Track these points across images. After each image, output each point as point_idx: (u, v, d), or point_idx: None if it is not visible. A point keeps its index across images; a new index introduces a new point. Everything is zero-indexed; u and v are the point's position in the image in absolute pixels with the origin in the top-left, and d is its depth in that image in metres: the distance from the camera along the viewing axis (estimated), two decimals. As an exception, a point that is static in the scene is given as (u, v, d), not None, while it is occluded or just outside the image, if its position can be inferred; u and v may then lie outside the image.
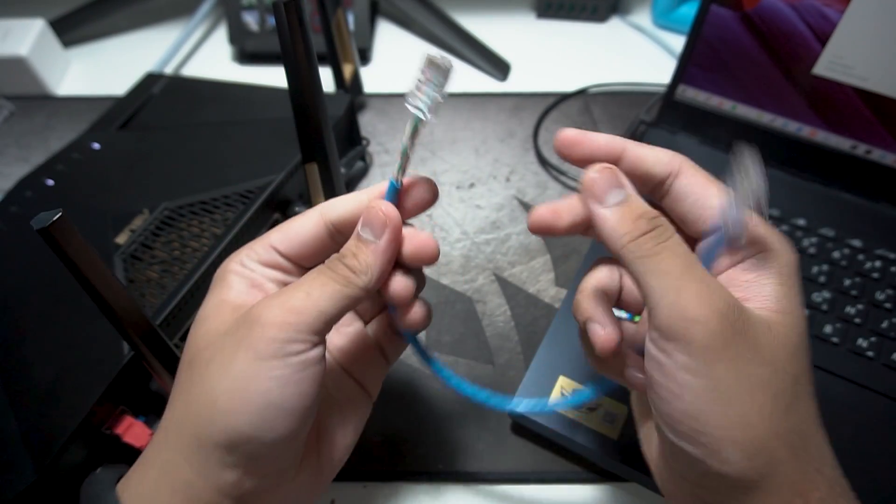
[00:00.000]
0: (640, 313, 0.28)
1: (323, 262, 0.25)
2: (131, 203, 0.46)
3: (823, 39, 0.46)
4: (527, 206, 0.55)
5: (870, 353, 0.42)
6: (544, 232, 0.26)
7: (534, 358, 0.42)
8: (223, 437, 0.22)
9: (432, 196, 0.27)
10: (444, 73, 0.23)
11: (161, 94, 0.57)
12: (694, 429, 0.21)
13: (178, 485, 0.23)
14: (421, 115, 0.25)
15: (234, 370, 0.22)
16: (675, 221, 0.25)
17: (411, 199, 0.27)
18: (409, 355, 0.45)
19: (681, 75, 0.53)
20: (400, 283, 0.26)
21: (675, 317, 0.21)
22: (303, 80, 0.36)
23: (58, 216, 0.23)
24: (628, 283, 0.28)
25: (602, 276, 0.27)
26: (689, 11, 0.70)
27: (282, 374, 0.22)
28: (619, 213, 0.23)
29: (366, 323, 0.32)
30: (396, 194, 0.26)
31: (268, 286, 0.26)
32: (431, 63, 0.23)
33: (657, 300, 0.21)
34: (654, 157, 0.25)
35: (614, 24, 0.74)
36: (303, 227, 0.27)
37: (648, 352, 0.22)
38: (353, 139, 0.57)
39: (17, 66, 0.63)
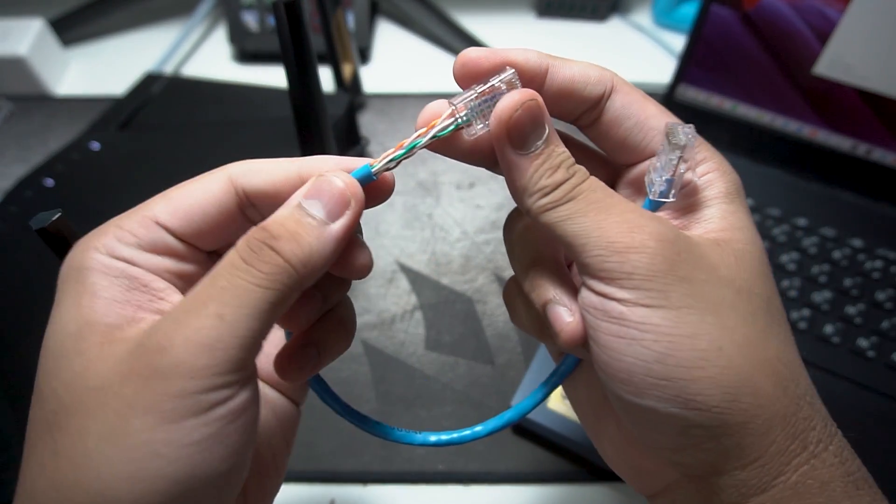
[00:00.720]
0: None
1: (231, 243, 0.18)
2: (131, 203, 0.45)
3: (824, 39, 0.46)
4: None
5: (870, 353, 0.42)
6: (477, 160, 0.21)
7: (534, 358, 0.42)
8: None
9: (381, 201, 0.21)
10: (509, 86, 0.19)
11: (161, 94, 0.57)
12: (661, 376, 0.17)
13: None
14: (461, 122, 0.19)
15: (129, 443, 0.16)
16: (611, 147, 0.22)
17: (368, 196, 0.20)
18: (409, 354, 0.45)
19: (681, 75, 0.53)
20: (363, 256, 0.20)
21: (607, 253, 0.18)
22: (303, 80, 0.36)
23: (56, 216, 0.23)
24: None
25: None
26: (690, 11, 0.70)
27: (204, 435, 0.16)
28: (539, 164, 0.19)
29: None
30: (363, 185, 0.20)
31: (155, 285, 0.19)
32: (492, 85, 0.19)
33: (582, 243, 0.18)
34: (584, 77, 0.20)
35: (614, 24, 0.74)
36: (204, 194, 0.19)
37: (588, 305, 0.19)
38: (352, 139, 0.57)
39: (16, 66, 0.63)
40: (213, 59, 0.71)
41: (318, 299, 0.21)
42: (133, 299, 0.18)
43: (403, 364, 0.44)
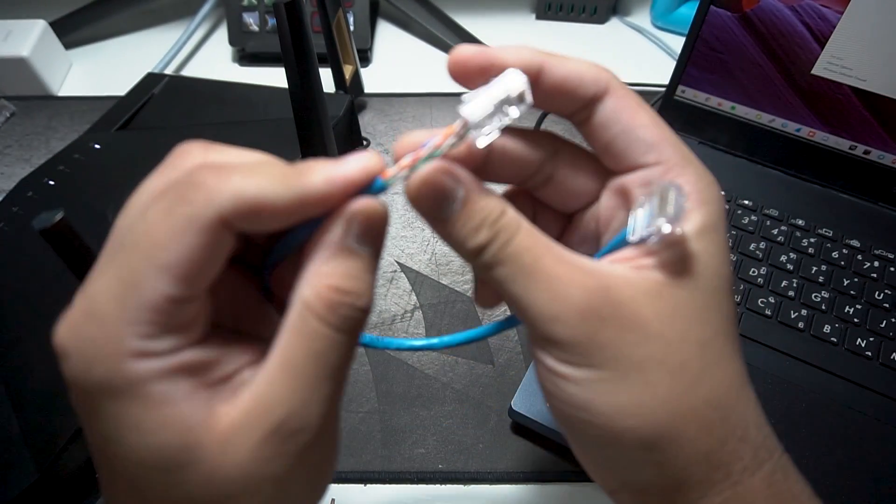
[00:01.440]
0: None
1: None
2: (132, 203, 0.46)
3: (822, 40, 0.46)
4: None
5: (868, 353, 0.42)
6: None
7: (533, 358, 0.42)
8: None
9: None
10: (518, 100, 0.18)
11: (161, 94, 0.57)
12: (585, 420, 0.19)
13: None
14: (476, 126, 0.18)
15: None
16: (597, 148, 0.21)
17: None
18: (409, 354, 0.45)
19: (680, 76, 0.53)
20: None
21: (536, 321, 0.19)
22: (303, 81, 0.36)
23: (59, 216, 0.23)
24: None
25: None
26: (689, 12, 0.70)
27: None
28: (457, 228, 0.19)
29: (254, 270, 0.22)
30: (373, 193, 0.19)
31: (203, 357, 0.18)
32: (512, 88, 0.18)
33: (518, 308, 0.19)
34: (578, 76, 0.20)
35: (614, 25, 0.74)
36: (203, 251, 0.17)
37: (531, 349, 0.21)
38: (353, 139, 0.57)
39: (18, 67, 0.63)
40: (213, 60, 0.71)
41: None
42: (199, 383, 0.17)
43: (403, 364, 0.44)
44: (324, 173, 0.18)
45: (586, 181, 0.22)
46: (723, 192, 0.21)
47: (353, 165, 0.18)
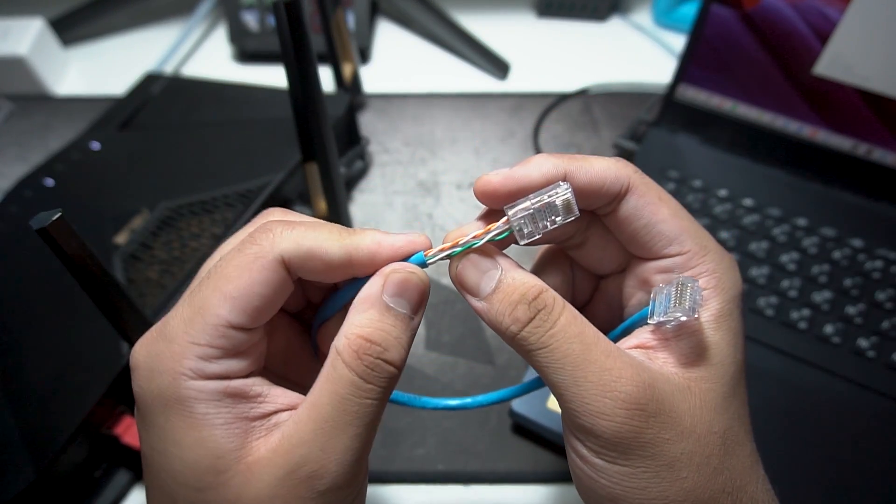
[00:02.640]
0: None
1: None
2: (131, 203, 0.46)
3: (824, 39, 0.46)
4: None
5: (870, 354, 0.42)
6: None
7: (534, 358, 0.42)
8: None
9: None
10: (565, 211, 0.20)
11: (161, 94, 0.57)
12: None
13: None
14: (518, 229, 0.20)
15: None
16: (622, 239, 0.23)
17: None
18: (410, 354, 0.45)
19: (681, 75, 0.53)
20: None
21: (579, 412, 0.19)
22: (303, 80, 0.36)
23: (56, 216, 0.23)
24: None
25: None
26: (690, 11, 0.70)
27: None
28: (496, 305, 0.20)
29: (302, 322, 0.25)
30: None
31: (251, 391, 0.19)
32: (558, 203, 0.20)
33: (560, 394, 0.19)
34: (601, 179, 0.21)
35: (615, 24, 0.74)
36: (263, 287, 0.19)
37: (565, 435, 0.21)
38: (352, 138, 0.57)
39: (16, 66, 0.63)
40: (213, 59, 0.71)
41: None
42: (240, 413, 0.19)
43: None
44: (373, 237, 0.20)
45: (615, 253, 0.24)
46: (740, 281, 0.22)
47: (401, 237, 0.21)
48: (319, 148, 0.40)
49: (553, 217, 0.20)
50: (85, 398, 0.34)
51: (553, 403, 0.39)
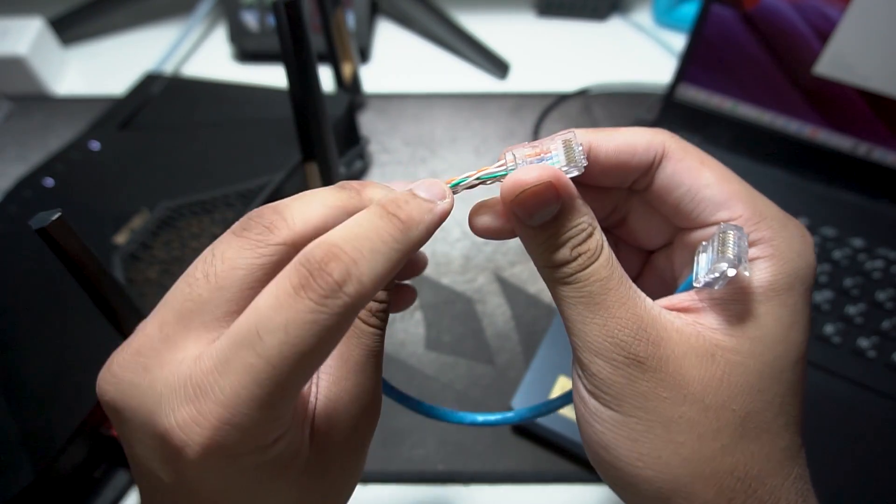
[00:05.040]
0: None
1: None
2: (131, 203, 0.46)
3: (824, 39, 0.46)
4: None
5: (871, 354, 0.42)
6: (492, 237, 0.21)
7: (534, 358, 0.42)
8: None
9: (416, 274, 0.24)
10: (570, 153, 0.19)
11: (161, 94, 0.57)
12: (606, 460, 0.19)
13: None
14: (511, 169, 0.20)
15: None
16: (665, 212, 0.21)
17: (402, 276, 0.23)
18: (409, 354, 0.45)
19: (681, 74, 0.53)
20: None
21: (581, 347, 0.19)
22: (303, 80, 0.36)
23: (56, 216, 0.23)
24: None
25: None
26: (690, 10, 0.70)
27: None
28: (545, 237, 0.19)
29: None
30: None
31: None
32: (566, 145, 0.19)
33: (569, 327, 0.19)
34: (630, 147, 0.20)
35: (615, 23, 0.74)
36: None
37: (573, 374, 0.21)
38: (352, 138, 0.56)
39: (15, 66, 0.63)
40: (213, 59, 0.71)
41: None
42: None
43: (403, 364, 0.44)
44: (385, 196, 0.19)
45: (660, 226, 0.22)
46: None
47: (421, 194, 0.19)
48: (319, 148, 0.40)
49: (554, 160, 0.19)
50: (85, 398, 0.34)
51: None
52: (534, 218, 0.19)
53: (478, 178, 0.20)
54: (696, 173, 0.20)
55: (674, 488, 0.19)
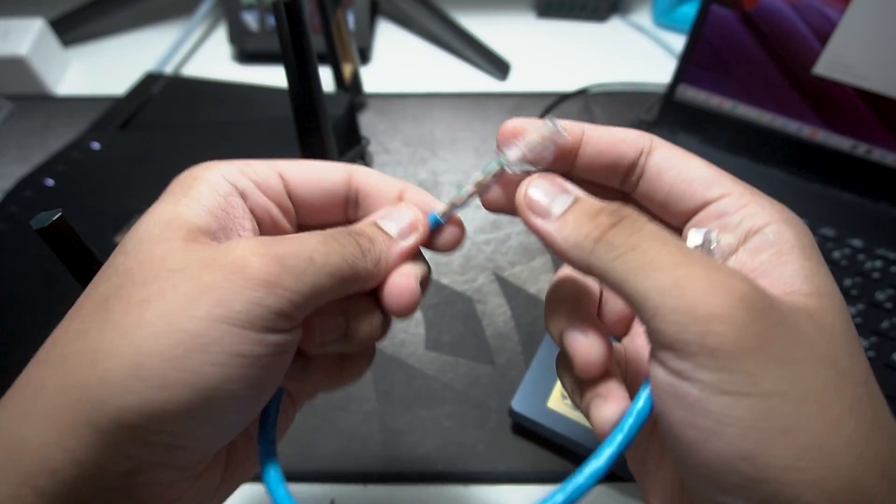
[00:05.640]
0: (625, 334, 0.24)
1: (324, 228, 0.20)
2: (131, 203, 0.46)
3: (824, 39, 0.46)
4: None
5: (870, 353, 0.42)
6: (501, 210, 0.22)
7: (534, 358, 0.42)
8: (138, 416, 0.16)
9: (457, 245, 0.23)
10: (549, 141, 0.20)
11: (161, 94, 0.57)
12: (749, 476, 0.14)
13: (31, 470, 0.16)
14: (503, 161, 0.21)
15: (184, 326, 0.16)
16: (659, 203, 0.21)
17: (439, 239, 0.22)
18: (409, 354, 0.45)
19: (681, 75, 0.53)
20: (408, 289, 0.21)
21: (686, 321, 0.14)
22: (303, 80, 0.36)
23: (57, 216, 0.23)
24: (608, 294, 0.23)
25: (574, 279, 0.22)
26: (690, 11, 0.70)
27: (252, 351, 0.16)
28: (573, 219, 0.18)
29: None
30: (431, 230, 0.23)
31: (247, 224, 0.20)
32: (548, 129, 0.20)
33: (655, 306, 0.15)
34: (621, 137, 0.20)
35: (614, 24, 0.74)
36: (327, 173, 0.22)
37: (658, 383, 0.16)
38: (352, 138, 0.57)
39: (16, 66, 0.63)
40: (213, 59, 0.71)
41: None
42: (225, 219, 0.19)
43: (403, 364, 0.44)
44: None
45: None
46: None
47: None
48: (319, 148, 0.40)
49: (536, 138, 0.20)
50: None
51: (553, 403, 0.39)
52: (553, 209, 0.18)
53: (474, 187, 0.22)
54: (684, 158, 0.20)
55: (847, 488, 0.14)
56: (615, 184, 0.21)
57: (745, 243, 0.18)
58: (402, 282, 0.20)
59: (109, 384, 0.16)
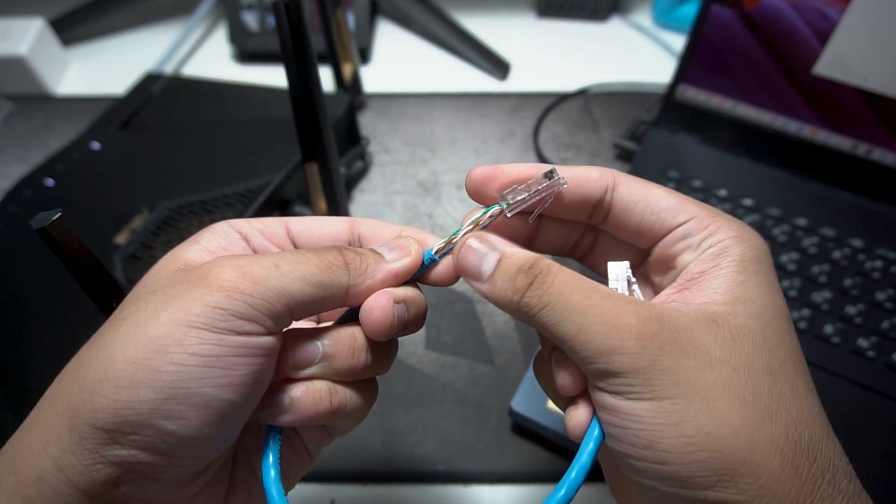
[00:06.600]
0: None
1: None
2: (131, 203, 0.46)
3: (824, 39, 0.46)
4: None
5: (870, 354, 0.42)
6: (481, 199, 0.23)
7: (534, 358, 0.42)
8: (110, 417, 0.17)
9: (450, 279, 0.23)
10: (550, 188, 0.22)
11: (161, 94, 0.57)
12: (653, 460, 0.18)
13: (23, 479, 0.17)
14: (503, 206, 0.22)
15: (149, 333, 0.17)
16: (628, 233, 0.23)
17: (432, 273, 0.23)
18: (409, 354, 0.45)
19: (681, 75, 0.53)
20: (386, 308, 0.21)
21: (591, 356, 0.18)
22: (303, 80, 0.36)
23: (56, 216, 0.23)
24: None
25: None
26: (690, 11, 0.70)
27: (211, 351, 0.18)
28: (500, 281, 0.20)
29: None
30: (424, 266, 0.23)
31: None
32: (547, 176, 0.22)
33: (570, 348, 0.19)
34: (585, 176, 0.22)
35: (615, 24, 0.74)
36: (329, 223, 0.24)
37: (592, 394, 0.20)
38: (352, 138, 0.57)
39: (16, 66, 0.63)
40: (213, 59, 0.71)
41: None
42: (223, 255, 0.20)
43: (403, 364, 0.44)
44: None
45: (627, 250, 0.24)
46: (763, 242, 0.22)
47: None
48: (319, 148, 0.40)
49: (538, 187, 0.22)
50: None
51: (553, 404, 0.39)
52: (482, 274, 0.21)
53: (471, 226, 0.23)
54: (648, 190, 0.22)
55: (733, 465, 0.17)
56: (582, 219, 0.23)
57: (699, 257, 0.21)
58: (379, 300, 0.21)
59: (85, 390, 0.17)
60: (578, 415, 0.21)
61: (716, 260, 0.20)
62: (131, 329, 0.18)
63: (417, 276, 0.23)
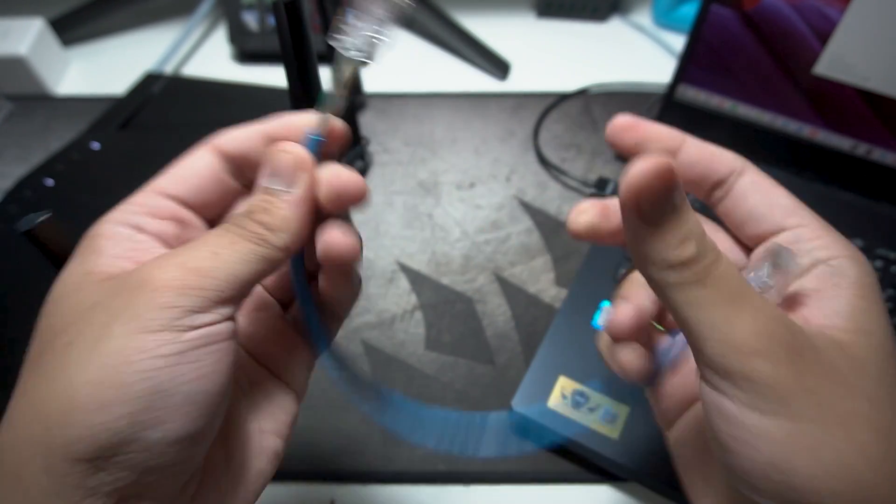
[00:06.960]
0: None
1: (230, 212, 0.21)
2: (131, 203, 0.46)
3: (824, 39, 0.46)
4: (527, 206, 0.55)
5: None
6: (590, 238, 0.22)
7: (534, 358, 0.42)
8: (87, 446, 0.16)
9: (359, 185, 0.21)
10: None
11: (161, 93, 0.57)
12: (780, 482, 0.17)
13: None
14: (355, 56, 0.21)
15: (105, 349, 0.17)
16: (737, 219, 0.22)
17: (340, 177, 0.21)
18: (409, 354, 0.45)
19: (681, 75, 0.53)
20: (338, 235, 0.21)
21: (730, 352, 0.17)
22: (303, 80, 0.36)
23: (42, 218, 0.23)
24: None
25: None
26: (690, 11, 0.70)
27: (175, 349, 0.17)
28: (666, 233, 0.17)
29: (283, 307, 0.26)
30: (316, 149, 0.21)
31: (155, 249, 0.20)
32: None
33: (705, 334, 0.17)
34: (719, 150, 0.22)
35: (615, 24, 0.74)
36: (197, 161, 0.23)
37: (703, 394, 0.18)
38: (352, 138, 0.57)
39: (16, 66, 0.63)
40: (213, 59, 0.71)
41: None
42: (136, 257, 0.20)
43: (403, 364, 0.44)
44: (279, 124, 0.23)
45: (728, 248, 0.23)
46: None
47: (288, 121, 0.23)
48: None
49: (381, 16, 0.21)
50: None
51: (553, 403, 0.39)
52: (656, 211, 0.17)
53: (342, 89, 0.22)
54: (770, 185, 0.22)
55: (866, 498, 0.16)
56: (700, 195, 0.23)
57: (810, 270, 0.20)
58: (331, 235, 0.21)
59: (52, 427, 0.16)
60: (632, 355, 0.22)
61: (834, 279, 0.19)
62: (83, 351, 0.17)
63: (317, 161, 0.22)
